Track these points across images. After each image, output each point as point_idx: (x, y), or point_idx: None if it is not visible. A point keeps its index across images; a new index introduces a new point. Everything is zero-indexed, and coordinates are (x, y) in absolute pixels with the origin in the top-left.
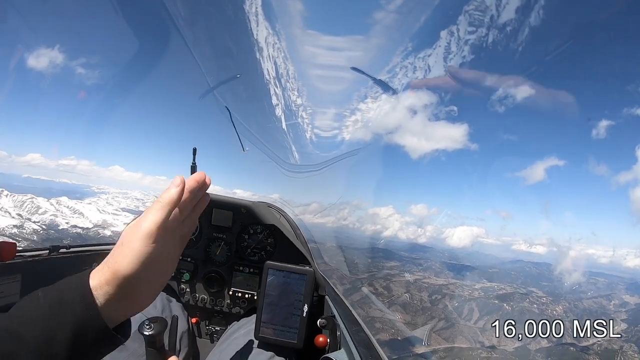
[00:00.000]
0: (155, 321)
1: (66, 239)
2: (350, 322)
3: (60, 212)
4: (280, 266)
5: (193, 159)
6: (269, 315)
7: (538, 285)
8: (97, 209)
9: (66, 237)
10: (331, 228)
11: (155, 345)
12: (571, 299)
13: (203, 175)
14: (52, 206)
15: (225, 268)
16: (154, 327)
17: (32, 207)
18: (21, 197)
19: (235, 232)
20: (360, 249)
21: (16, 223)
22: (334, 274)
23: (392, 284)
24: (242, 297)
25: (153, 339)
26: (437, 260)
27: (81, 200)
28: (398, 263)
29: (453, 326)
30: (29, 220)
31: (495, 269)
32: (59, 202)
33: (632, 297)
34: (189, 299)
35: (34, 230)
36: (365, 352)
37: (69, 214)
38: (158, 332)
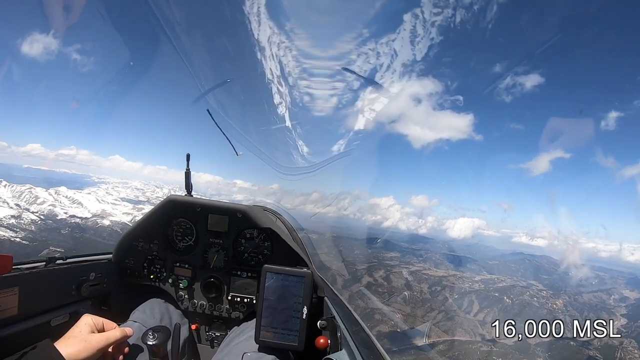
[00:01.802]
0: (158, 330)
1: (64, 228)
2: (350, 322)
3: (58, 202)
4: (278, 269)
5: (187, 165)
6: (269, 318)
7: (538, 278)
8: (96, 199)
9: (64, 227)
10: (332, 218)
11: (159, 355)
12: (571, 293)
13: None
14: (50, 196)
15: (223, 273)
16: (157, 337)
17: (31, 197)
18: (19, 187)
19: (231, 237)
20: (360, 239)
21: (14, 213)
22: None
23: (391, 275)
24: (241, 301)
25: (157, 349)
26: (437, 252)
27: (80, 190)
28: (398, 254)
29: (453, 319)
30: (27, 210)
31: (496, 261)
32: (57, 192)
33: (632, 292)
34: (188, 306)
35: (32, 221)
36: (366, 352)
37: (68, 203)
38: (162, 341)
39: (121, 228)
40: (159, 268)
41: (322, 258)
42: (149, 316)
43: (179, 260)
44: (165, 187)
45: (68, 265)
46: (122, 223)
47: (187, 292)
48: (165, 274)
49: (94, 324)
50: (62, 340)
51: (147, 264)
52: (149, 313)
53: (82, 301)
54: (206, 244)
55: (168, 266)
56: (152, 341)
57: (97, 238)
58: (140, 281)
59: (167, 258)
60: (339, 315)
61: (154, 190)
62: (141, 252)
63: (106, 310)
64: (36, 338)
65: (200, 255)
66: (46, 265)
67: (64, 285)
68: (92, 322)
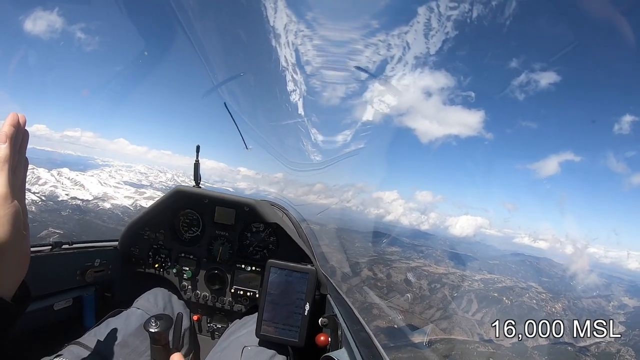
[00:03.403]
0: (160, 318)
1: (65, 210)
2: (351, 321)
3: (60, 184)
4: (283, 265)
5: (197, 156)
6: (271, 313)
7: (538, 280)
8: (98, 182)
9: (65, 209)
10: (334, 210)
11: (160, 342)
12: (571, 297)
13: (16, 117)
14: (52, 177)
15: (228, 266)
16: (159, 325)
17: (33, 178)
18: None
19: (237, 230)
20: (362, 232)
21: None
22: (332, 268)
23: (391, 270)
24: (243, 295)
25: (158, 336)
26: (438, 248)
27: (83, 173)
28: (399, 249)
29: (451, 317)
30: (28, 190)
31: (496, 261)
32: (60, 174)
33: (631, 299)
34: (191, 296)
35: (32, 201)
36: (366, 351)
37: (70, 185)
38: (164, 329)
39: (122, 212)
40: (164, 258)
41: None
42: (152, 304)
43: (184, 251)
44: (169, 172)
45: (73, 251)
46: (123, 207)
47: (191, 283)
48: (169, 263)
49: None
50: None
51: (152, 253)
52: (152, 301)
53: (86, 287)
54: (212, 236)
55: (173, 256)
56: (154, 328)
57: (98, 221)
58: (144, 270)
59: (173, 248)
60: (340, 313)
61: (158, 174)
62: (147, 241)
63: (109, 297)
64: (39, 321)
65: (206, 247)
66: (52, 249)
67: (69, 270)
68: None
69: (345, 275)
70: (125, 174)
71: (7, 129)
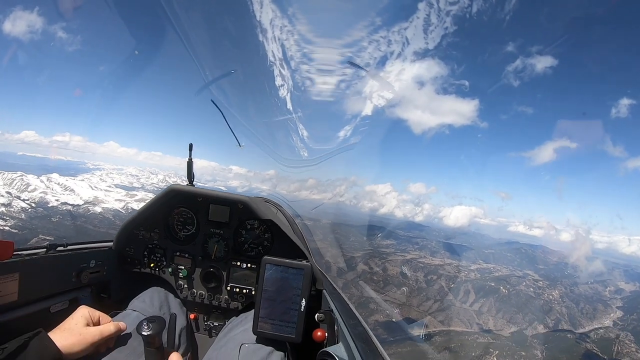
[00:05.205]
0: (152, 321)
1: (55, 216)
2: (347, 316)
3: (50, 189)
4: (278, 261)
5: (189, 154)
6: (267, 310)
7: (534, 268)
8: (89, 186)
9: (55, 215)
10: (328, 204)
11: (154, 345)
12: (567, 284)
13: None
14: (42, 183)
15: (223, 264)
16: (152, 327)
17: (22, 185)
18: (10, 174)
19: (232, 228)
20: (357, 226)
21: (4, 201)
22: (327, 263)
23: (387, 263)
24: (240, 292)
25: (151, 339)
26: (433, 240)
27: (74, 177)
28: (394, 241)
29: (449, 308)
30: (17, 198)
31: (492, 250)
32: (49, 179)
33: (627, 284)
34: (187, 295)
35: (22, 209)
36: (363, 345)
37: (60, 190)
38: (156, 331)
39: (113, 215)
40: (159, 257)
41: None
42: (147, 305)
43: (179, 250)
44: (161, 174)
45: (68, 252)
46: (114, 210)
47: (187, 282)
48: (165, 263)
49: (90, 316)
50: (57, 331)
51: (147, 253)
52: (148, 302)
53: (82, 288)
54: (207, 234)
55: (168, 255)
56: (147, 331)
57: (89, 225)
58: (140, 269)
59: (168, 247)
60: (336, 308)
61: (149, 176)
62: (142, 241)
63: (105, 297)
64: (36, 324)
65: (201, 245)
66: (47, 251)
67: (64, 272)
68: (88, 314)
69: (340, 270)
70: (116, 177)
71: (113, 328)
